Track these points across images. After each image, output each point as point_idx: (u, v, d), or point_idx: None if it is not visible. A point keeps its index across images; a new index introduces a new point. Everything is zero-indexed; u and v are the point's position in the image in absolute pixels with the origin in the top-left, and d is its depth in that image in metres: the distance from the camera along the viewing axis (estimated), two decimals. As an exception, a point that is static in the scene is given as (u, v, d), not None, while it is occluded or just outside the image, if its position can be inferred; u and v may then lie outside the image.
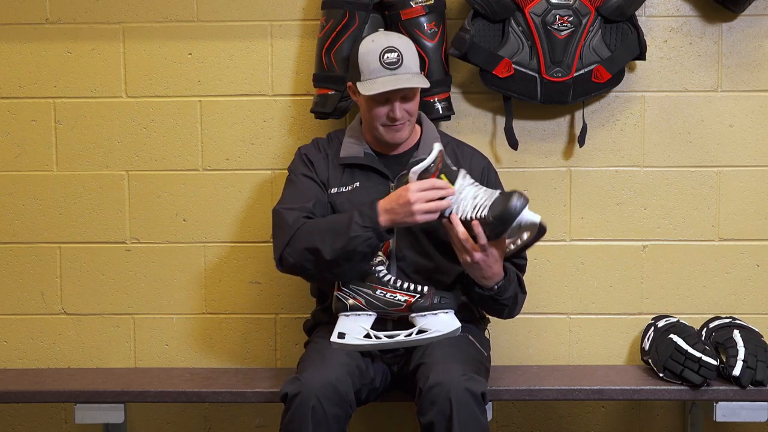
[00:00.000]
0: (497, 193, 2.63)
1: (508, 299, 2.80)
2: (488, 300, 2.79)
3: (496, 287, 2.75)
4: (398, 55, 2.79)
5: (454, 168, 2.67)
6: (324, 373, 2.60)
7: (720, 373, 2.89)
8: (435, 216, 2.65)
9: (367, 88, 2.77)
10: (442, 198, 2.64)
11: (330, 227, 2.72)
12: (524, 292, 2.90)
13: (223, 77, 3.27)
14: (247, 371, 3.21)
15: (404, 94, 2.79)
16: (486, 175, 2.94)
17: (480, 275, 2.72)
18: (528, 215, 2.60)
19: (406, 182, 2.66)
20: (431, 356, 2.66)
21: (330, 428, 2.56)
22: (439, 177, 2.63)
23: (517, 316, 3.25)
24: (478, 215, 2.62)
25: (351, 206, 2.80)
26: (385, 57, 2.78)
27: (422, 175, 2.63)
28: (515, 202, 2.57)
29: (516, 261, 2.88)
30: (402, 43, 2.83)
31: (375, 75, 2.77)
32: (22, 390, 2.99)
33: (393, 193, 2.69)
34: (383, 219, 2.66)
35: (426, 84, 2.82)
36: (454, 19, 3.17)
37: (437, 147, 2.64)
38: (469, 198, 2.65)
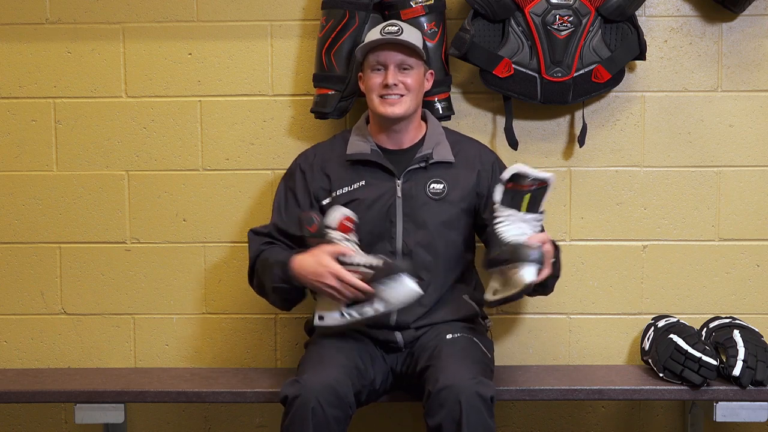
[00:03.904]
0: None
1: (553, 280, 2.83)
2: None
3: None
4: (398, 29, 2.85)
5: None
6: (323, 375, 2.61)
7: (720, 373, 2.88)
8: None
9: (362, 46, 2.87)
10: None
11: (264, 270, 2.87)
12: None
13: (223, 77, 3.27)
14: (247, 371, 3.21)
15: (400, 62, 2.83)
16: (496, 170, 2.96)
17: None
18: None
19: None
20: (440, 358, 2.66)
21: (330, 430, 2.57)
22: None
23: (517, 316, 3.28)
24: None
25: (358, 207, 2.86)
26: (386, 29, 2.86)
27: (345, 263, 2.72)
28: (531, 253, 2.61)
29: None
30: (406, 25, 2.90)
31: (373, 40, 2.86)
32: (22, 390, 2.98)
33: (311, 259, 2.75)
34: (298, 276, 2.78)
35: (419, 49, 2.84)
36: (454, 19, 3.17)
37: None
38: (513, 227, 2.68)
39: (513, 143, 3.17)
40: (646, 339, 3.12)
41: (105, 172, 3.30)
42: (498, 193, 2.68)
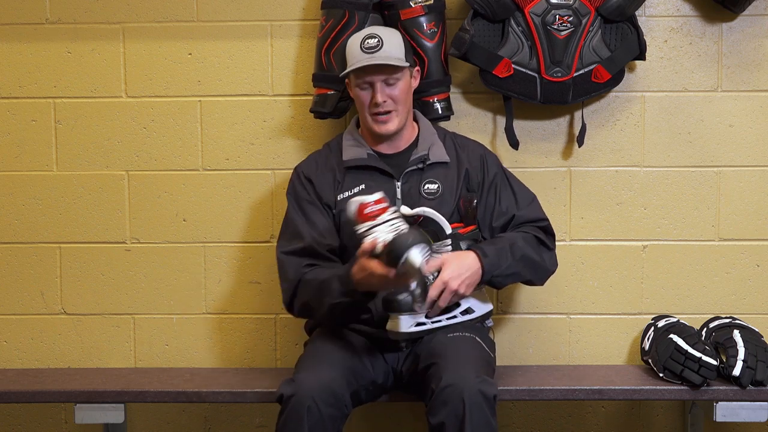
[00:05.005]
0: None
1: (509, 269, 2.80)
2: (494, 283, 2.84)
3: (484, 277, 2.77)
4: (378, 41, 2.83)
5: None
6: (319, 374, 2.61)
7: (720, 373, 2.88)
8: None
9: (347, 70, 2.84)
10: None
11: (318, 289, 2.75)
12: (549, 248, 2.92)
13: (223, 77, 3.27)
14: (247, 371, 3.21)
15: (385, 78, 2.83)
16: (485, 162, 2.96)
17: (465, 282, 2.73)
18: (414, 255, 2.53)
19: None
20: (443, 357, 2.66)
21: (326, 429, 2.57)
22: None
23: (517, 316, 3.27)
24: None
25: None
26: (365, 43, 2.84)
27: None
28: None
29: (530, 216, 2.93)
30: (385, 32, 2.89)
31: (355, 60, 2.83)
32: (22, 390, 2.99)
33: (356, 266, 2.65)
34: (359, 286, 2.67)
35: (402, 63, 2.83)
36: (453, 19, 3.17)
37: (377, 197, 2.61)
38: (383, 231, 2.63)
39: (514, 143, 3.17)
40: (646, 339, 3.12)
41: (105, 172, 3.30)
42: None
